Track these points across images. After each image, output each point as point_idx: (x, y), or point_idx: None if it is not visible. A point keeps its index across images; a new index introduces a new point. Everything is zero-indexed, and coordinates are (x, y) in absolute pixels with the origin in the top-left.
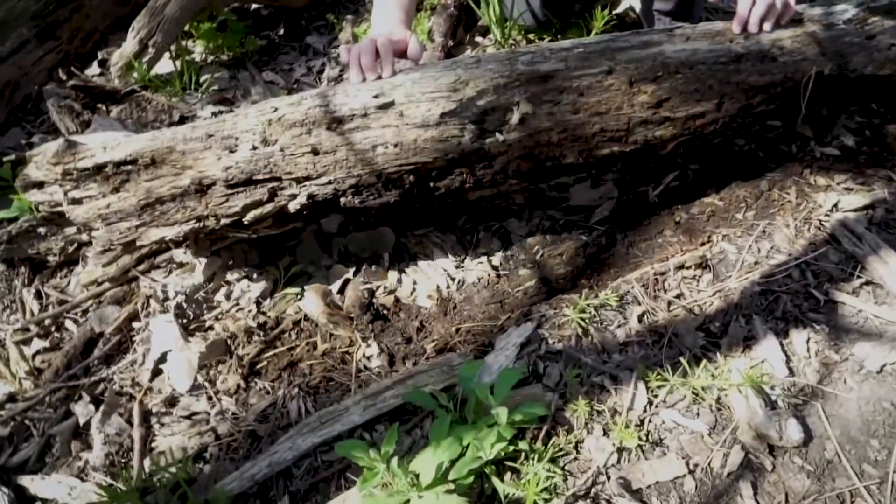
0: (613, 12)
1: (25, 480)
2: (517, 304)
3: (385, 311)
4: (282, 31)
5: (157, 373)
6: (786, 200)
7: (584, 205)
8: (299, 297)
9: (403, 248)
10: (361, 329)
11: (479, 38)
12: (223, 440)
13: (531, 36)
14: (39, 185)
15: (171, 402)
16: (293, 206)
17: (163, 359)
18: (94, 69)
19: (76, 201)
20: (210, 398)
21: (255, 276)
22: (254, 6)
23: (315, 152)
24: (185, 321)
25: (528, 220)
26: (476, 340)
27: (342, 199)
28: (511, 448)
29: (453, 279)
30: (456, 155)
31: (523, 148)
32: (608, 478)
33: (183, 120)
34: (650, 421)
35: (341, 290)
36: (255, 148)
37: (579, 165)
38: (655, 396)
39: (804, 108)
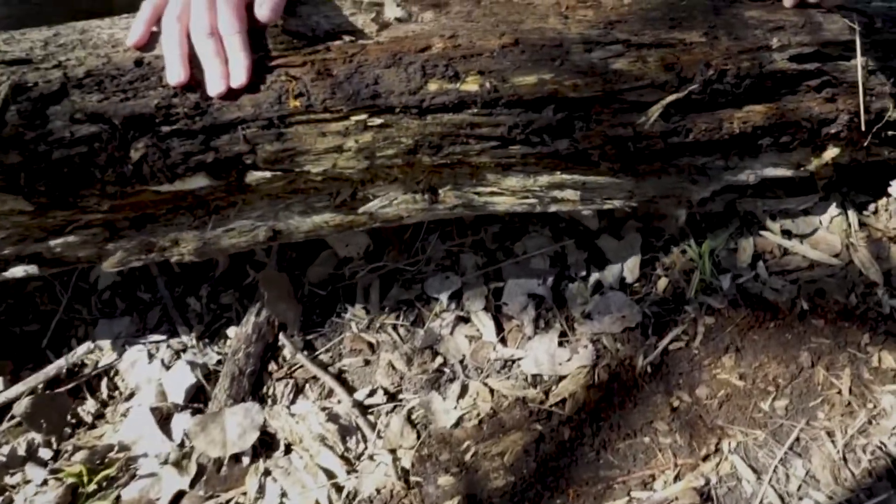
0: None
1: None
2: None
3: None
4: None
5: None
6: (835, 390)
7: (542, 374)
8: None
9: (274, 438)
10: None
11: None
12: None
13: None
14: None
15: None
16: None
17: None
18: None
19: None
20: None
21: (48, 480)
22: None
23: None
24: None
25: (461, 394)
26: None
27: None
28: None
29: (341, 490)
30: None
31: None
32: None
33: None
34: None
35: None
36: None
37: None
38: None
39: None
